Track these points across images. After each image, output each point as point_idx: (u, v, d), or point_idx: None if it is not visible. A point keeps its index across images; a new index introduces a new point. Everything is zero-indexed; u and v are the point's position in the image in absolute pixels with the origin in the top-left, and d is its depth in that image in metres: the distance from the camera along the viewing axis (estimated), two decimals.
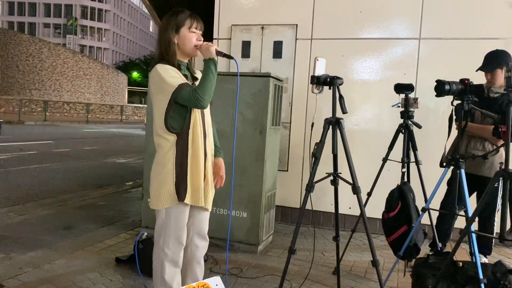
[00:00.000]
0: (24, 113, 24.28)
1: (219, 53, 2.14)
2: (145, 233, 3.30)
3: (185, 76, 2.16)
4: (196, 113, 2.14)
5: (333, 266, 3.40)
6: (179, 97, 2.04)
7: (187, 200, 2.14)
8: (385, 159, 3.36)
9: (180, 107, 2.09)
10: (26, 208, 5.06)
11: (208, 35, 4.36)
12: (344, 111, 2.57)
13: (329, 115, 2.68)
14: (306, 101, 4.66)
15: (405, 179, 3.28)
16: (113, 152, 11.71)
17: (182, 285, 2.28)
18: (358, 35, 4.52)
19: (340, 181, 2.69)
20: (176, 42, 2.14)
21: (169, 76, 2.05)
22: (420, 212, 2.95)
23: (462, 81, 2.60)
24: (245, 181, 3.69)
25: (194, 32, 2.16)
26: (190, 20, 2.15)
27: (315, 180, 2.63)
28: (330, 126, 2.66)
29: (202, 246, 2.35)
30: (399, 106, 3.31)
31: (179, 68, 2.15)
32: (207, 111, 2.24)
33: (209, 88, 2.05)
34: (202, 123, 2.19)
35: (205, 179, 2.21)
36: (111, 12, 65.63)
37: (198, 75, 2.28)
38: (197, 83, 2.23)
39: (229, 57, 2.20)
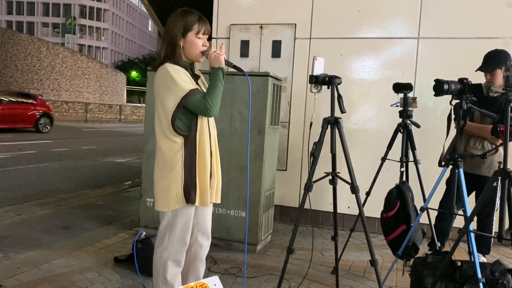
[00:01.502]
0: None
1: (228, 64, 2.13)
2: (144, 233, 3.30)
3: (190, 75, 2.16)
4: (204, 117, 2.14)
5: (331, 266, 3.40)
6: (189, 102, 2.03)
7: (197, 202, 2.14)
8: (383, 159, 3.36)
9: (188, 111, 2.08)
10: (25, 207, 5.05)
11: None
12: (342, 111, 2.57)
13: (328, 114, 2.68)
14: (305, 100, 4.65)
15: (404, 179, 3.29)
16: (111, 152, 11.69)
17: (184, 284, 2.29)
18: (357, 34, 4.52)
19: (339, 180, 2.69)
20: (182, 45, 2.13)
21: (181, 79, 2.04)
22: (419, 212, 2.95)
23: (461, 80, 2.60)
24: (243, 180, 3.68)
25: (200, 38, 2.14)
26: (198, 24, 2.12)
27: (313, 179, 2.63)
28: (329, 126, 2.66)
29: (206, 245, 2.36)
30: (397, 106, 3.30)
31: (184, 68, 2.14)
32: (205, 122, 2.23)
33: (218, 97, 2.06)
34: (207, 124, 2.20)
35: (212, 177, 2.21)
36: (110, 11, 65.55)
37: (198, 73, 2.28)
38: (199, 81, 2.23)
39: (238, 69, 2.16)
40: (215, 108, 2.05)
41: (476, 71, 3.23)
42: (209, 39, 2.36)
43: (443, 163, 2.77)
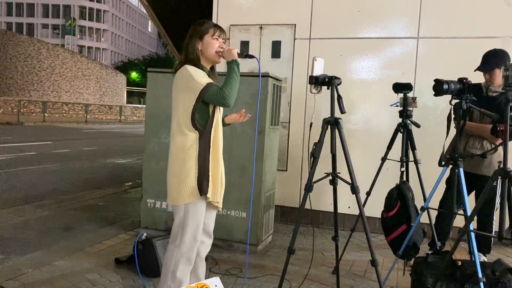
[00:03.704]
0: (23, 114, 24.27)
1: (240, 55, 2.29)
2: (145, 234, 3.30)
3: None
4: (218, 113, 2.29)
5: (332, 266, 3.41)
6: (207, 95, 2.15)
7: (209, 194, 2.22)
8: (384, 159, 3.36)
9: (205, 106, 2.21)
10: (26, 209, 5.06)
11: None
12: (342, 111, 2.58)
13: (328, 115, 2.69)
14: (305, 100, 4.66)
15: (404, 178, 3.29)
16: (112, 153, 11.70)
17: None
18: (356, 34, 4.52)
19: (339, 180, 2.70)
20: (200, 48, 2.27)
21: (198, 75, 2.18)
22: (419, 211, 2.95)
23: (460, 80, 2.61)
24: (244, 180, 3.69)
25: (217, 39, 2.29)
26: (213, 29, 2.29)
27: (314, 180, 2.64)
28: (329, 126, 2.67)
29: (207, 243, 2.43)
30: (397, 106, 3.31)
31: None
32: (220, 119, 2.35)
33: (234, 87, 2.18)
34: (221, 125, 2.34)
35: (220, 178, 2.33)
36: (109, 12, 65.56)
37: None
38: None
39: (250, 56, 2.37)
40: (231, 97, 2.16)
41: (475, 71, 3.23)
42: None
43: (443, 162, 2.77)
